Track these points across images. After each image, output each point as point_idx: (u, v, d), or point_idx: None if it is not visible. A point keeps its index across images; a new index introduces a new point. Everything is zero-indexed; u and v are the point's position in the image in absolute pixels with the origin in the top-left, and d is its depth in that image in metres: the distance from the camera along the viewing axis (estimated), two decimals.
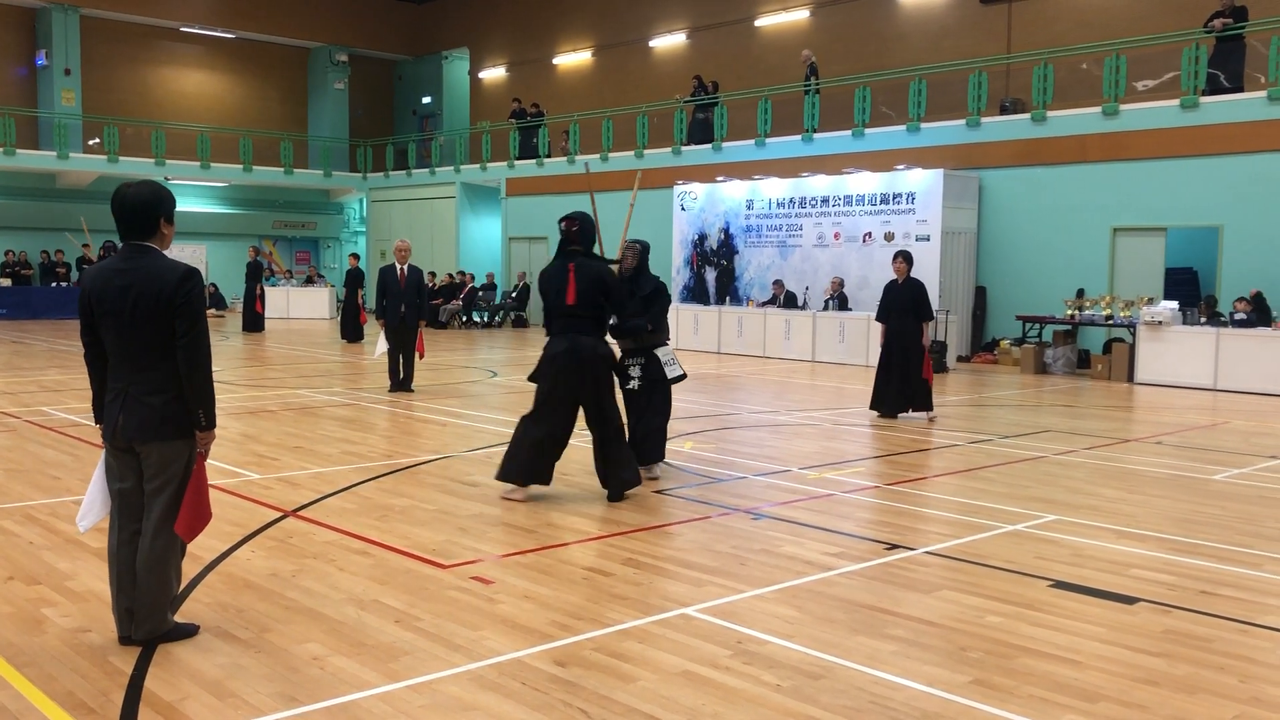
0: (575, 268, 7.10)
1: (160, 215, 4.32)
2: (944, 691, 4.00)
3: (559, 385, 7.05)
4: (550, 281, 7.21)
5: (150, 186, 4.35)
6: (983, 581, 5.44)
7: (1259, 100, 16.38)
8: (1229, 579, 5.58)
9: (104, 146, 30.02)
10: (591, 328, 7.14)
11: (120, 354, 4.26)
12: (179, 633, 4.42)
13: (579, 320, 7.09)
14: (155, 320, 4.19)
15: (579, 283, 7.05)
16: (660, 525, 6.56)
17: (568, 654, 4.33)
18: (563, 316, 7.12)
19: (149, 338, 4.21)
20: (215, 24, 33.63)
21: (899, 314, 11.33)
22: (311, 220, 36.55)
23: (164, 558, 4.33)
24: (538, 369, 7.21)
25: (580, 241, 7.24)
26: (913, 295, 11.30)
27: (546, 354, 7.15)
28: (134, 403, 4.24)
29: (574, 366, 7.01)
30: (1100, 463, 9.08)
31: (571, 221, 7.24)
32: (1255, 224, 16.29)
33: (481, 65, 34.86)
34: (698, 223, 22.79)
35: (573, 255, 7.19)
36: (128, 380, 4.27)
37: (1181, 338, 15.25)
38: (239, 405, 11.81)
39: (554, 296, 7.15)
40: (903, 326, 11.29)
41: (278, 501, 7.03)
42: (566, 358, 7.02)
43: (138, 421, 4.24)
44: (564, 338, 7.08)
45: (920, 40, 23.49)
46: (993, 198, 19.42)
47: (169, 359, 4.24)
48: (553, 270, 7.23)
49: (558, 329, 7.16)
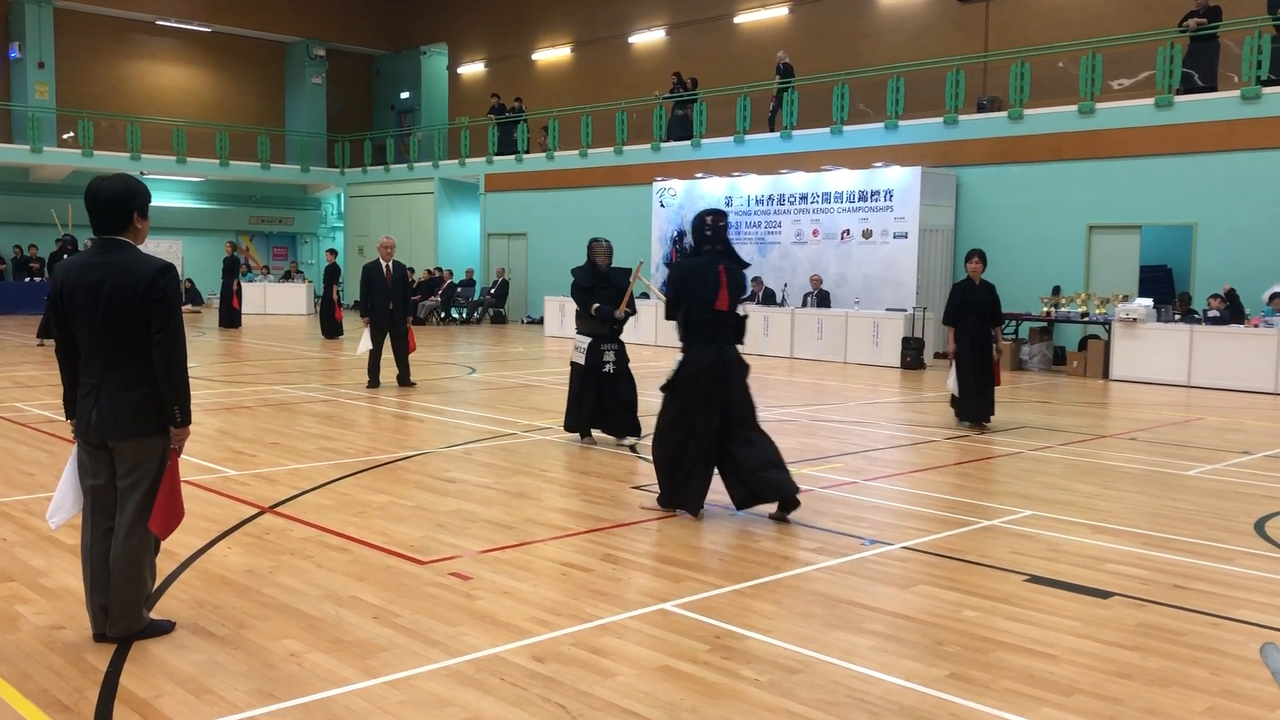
0: (726, 270, 6.56)
1: (134, 209, 4.27)
2: (921, 685, 4.02)
3: (703, 398, 6.47)
4: (695, 281, 6.54)
5: (124, 180, 4.31)
6: (959, 576, 5.48)
7: (1233, 99, 16.53)
8: (1202, 573, 5.64)
9: (78, 140, 29.75)
10: (733, 336, 6.66)
11: (93, 349, 4.21)
12: (154, 630, 4.40)
13: (724, 327, 6.58)
14: (130, 315, 4.14)
15: (731, 287, 6.54)
16: (639, 521, 6.56)
17: (546, 649, 4.33)
18: (709, 322, 6.53)
19: (123, 333, 4.16)
20: (191, 18, 33.40)
21: (978, 316, 10.72)
22: (289, 216, 36.35)
23: (138, 555, 4.30)
24: (677, 380, 6.58)
25: (726, 239, 6.71)
26: (993, 297, 10.79)
27: (689, 364, 6.52)
28: (107, 399, 4.19)
29: (722, 378, 6.48)
30: (1076, 459, 9.15)
31: (719, 216, 6.72)
32: (1229, 222, 16.44)
33: (460, 60, 34.75)
34: (677, 219, 22.81)
35: (717, 255, 6.63)
36: (101, 376, 4.22)
37: (1156, 335, 15.38)
38: (216, 401, 11.74)
39: (699, 298, 6.51)
40: (983, 329, 10.73)
41: (255, 498, 7.00)
42: (715, 370, 6.47)
43: (111, 417, 4.19)
44: (711, 347, 6.51)
45: (898, 38, 23.58)
46: (970, 195, 19.52)
47: (143, 355, 4.20)
48: (697, 269, 6.57)
49: (704, 335, 6.54)
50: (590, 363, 9.13)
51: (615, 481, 7.77)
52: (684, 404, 6.53)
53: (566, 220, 26.22)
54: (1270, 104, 16.12)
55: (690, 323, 6.56)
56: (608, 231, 25.07)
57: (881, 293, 18.87)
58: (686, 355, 6.56)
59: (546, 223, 27.46)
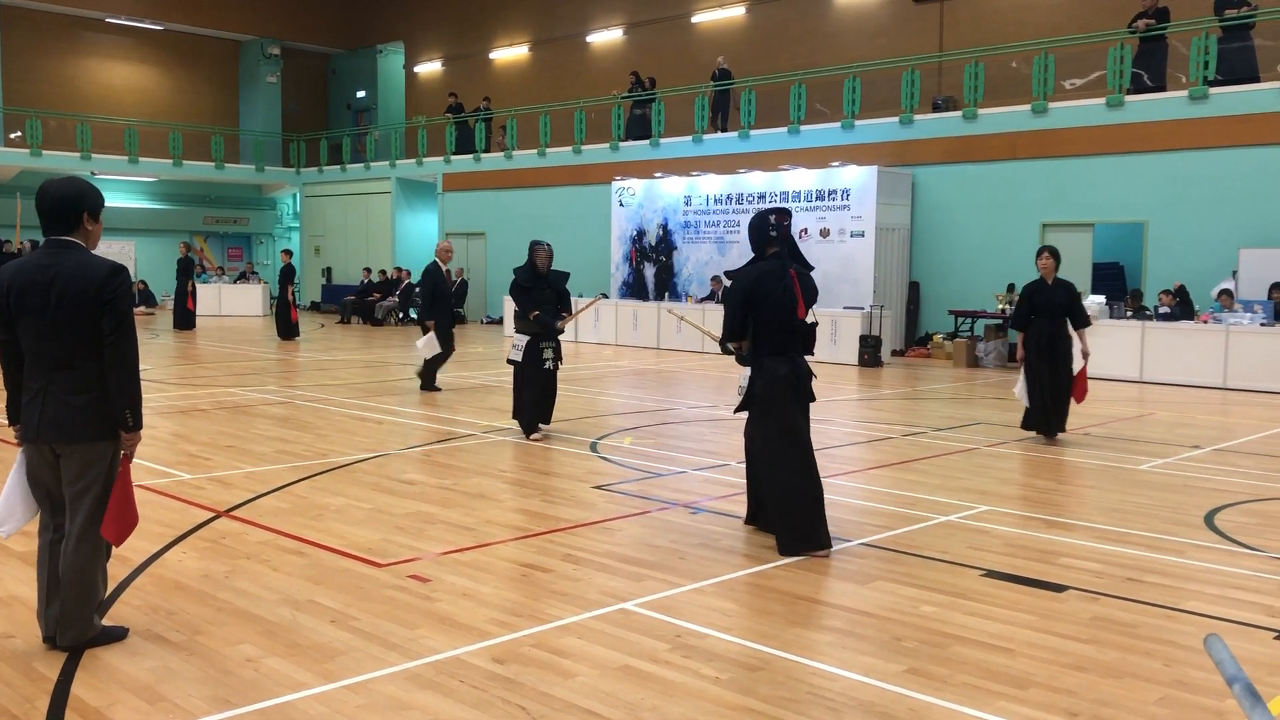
0: (798, 275, 5.94)
1: (84, 210, 4.22)
2: (879, 681, 4.05)
3: (793, 412, 5.94)
4: (769, 289, 5.85)
5: (75, 182, 4.27)
6: (917, 572, 5.52)
7: (1180, 99, 16.80)
8: (1155, 566, 5.73)
9: (26, 140, 29.21)
10: (804, 346, 6.08)
11: (39, 352, 4.13)
12: (106, 636, 4.33)
13: (795, 338, 5.98)
14: (80, 317, 4.07)
15: (805, 292, 5.94)
16: (599, 521, 6.56)
17: (506, 651, 4.31)
18: (784, 332, 5.91)
19: (73, 335, 4.09)
20: (142, 15, 32.88)
21: (1049, 319, 9.79)
22: (244, 216, 35.94)
23: (89, 561, 4.22)
24: (758, 398, 5.96)
25: (791, 240, 6.09)
26: (1069, 296, 9.81)
27: (768, 378, 5.89)
28: (55, 402, 4.11)
29: (798, 389, 5.96)
30: (1031, 454, 9.26)
31: (784, 214, 6.03)
32: (1178, 219, 16.72)
33: (417, 59, 34.53)
34: (636, 218, 22.81)
35: (785, 260, 5.97)
36: (47, 379, 4.14)
37: (1108, 331, 15.59)
38: (169, 404, 11.58)
39: (776, 307, 5.86)
40: (1056, 331, 9.78)
41: (210, 502, 6.91)
42: (792, 379, 5.92)
43: (59, 421, 4.11)
44: (785, 359, 5.92)
45: (854, 38, 23.73)
46: (926, 194, 19.70)
47: (93, 357, 4.13)
48: (770, 274, 5.89)
49: (775, 347, 5.93)
50: (529, 360, 9.50)
51: (576, 482, 7.76)
52: (787, 422, 5.91)
53: (525, 220, 26.14)
54: (1217, 104, 16.41)
55: (761, 334, 5.94)
56: (567, 231, 25.16)
57: (839, 291, 18.99)
58: (761, 369, 5.93)
59: (505, 222, 27.37)
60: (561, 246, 24.45)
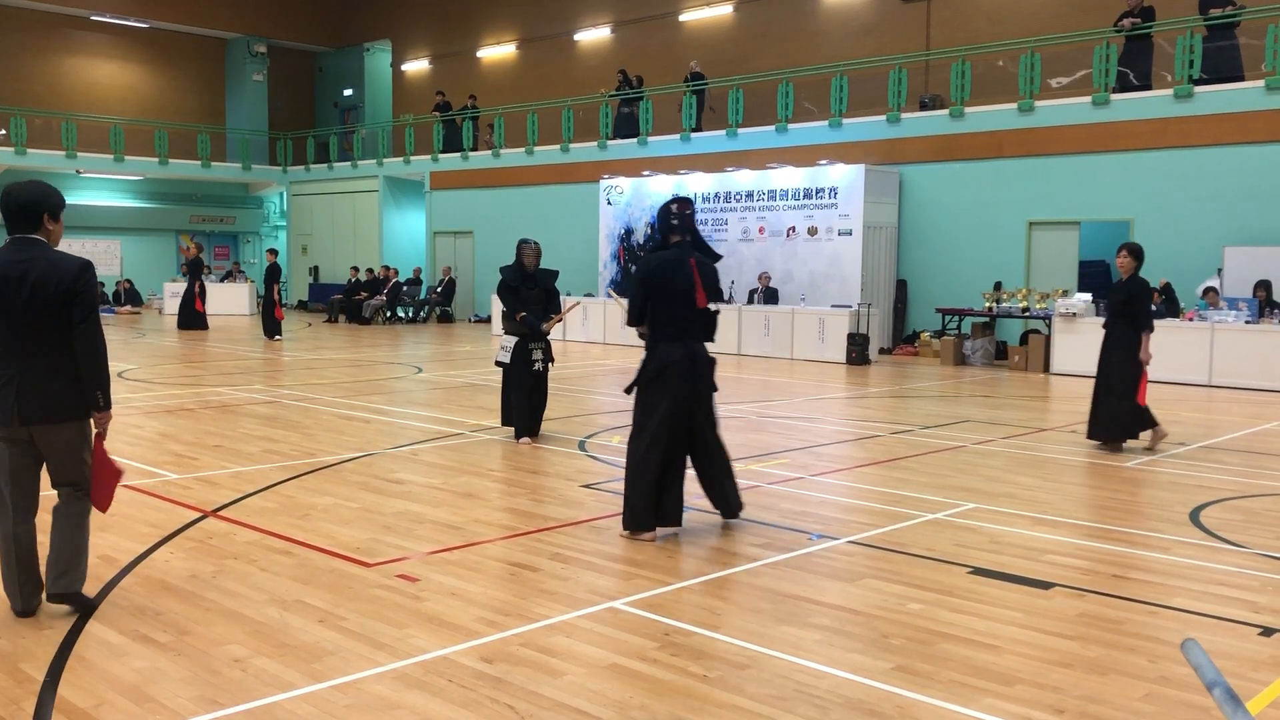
0: (698, 264, 6.09)
1: (44, 211, 4.56)
2: (867, 678, 4.07)
3: (675, 399, 6.05)
4: (667, 276, 6.04)
5: (38, 185, 4.63)
6: (904, 569, 5.54)
7: (1165, 98, 16.88)
8: (1139, 563, 5.76)
9: (10, 138, 29.05)
10: (703, 333, 6.20)
11: (12, 341, 4.47)
12: (87, 599, 4.71)
13: (695, 326, 6.14)
14: (54, 308, 4.45)
15: (705, 281, 6.09)
16: (587, 519, 6.56)
17: (494, 650, 4.32)
18: (680, 320, 6.07)
19: (47, 324, 4.46)
20: (127, 13, 32.71)
21: (1110, 316, 9.52)
22: (230, 215, 35.82)
23: (80, 521, 4.68)
24: (645, 380, 6.14)
25: (694, 229, 6.24)
26: (1128, 296, 9.28)
27: (657, 362, 6.08)
28: (29, 387, 4.46)
29: (692, 378, 6.07)
30: (1017, 451, 9.30)
31: (685, 204, 6.22)
32: (1163, 217, 16.80)
33: (404, 57, 34.45)
34: (624, 217, 22.82)
35: (687, 248, 6.14)
36: (22, 366, 4.47)
37: (1095, 329, 15.50)
38: (156, 404, 11.54)
39: (673, 294, 6.04)
40: (1114, 333, 9.43)
41: (197, 501, 6.89)
42: (684, 365, 6.05)
43: (34, 404, 4.46)
44: (680, 344, 6.06)
45: (842, 37, 23.77)
46: (913, 192, 19.75)
47: (63, 345, 4.50)
48: (669, 262, 6.07)
49: (672, 334, 6.08)
50: (517, 361, 9.27)
51: (564, 480, 7.77)
52: (662, 406, 6.06)
53: (513, 218, 26.12)
54: (1202, 102, 16.49)
55: (658, 320, 6.12)
56: (555, 229, 25.14)
57: (827, 289, 19.04)
58: (653, 352, 6.13)
59: (493, 221, 27.34)
60: (549, 245, 24.40)
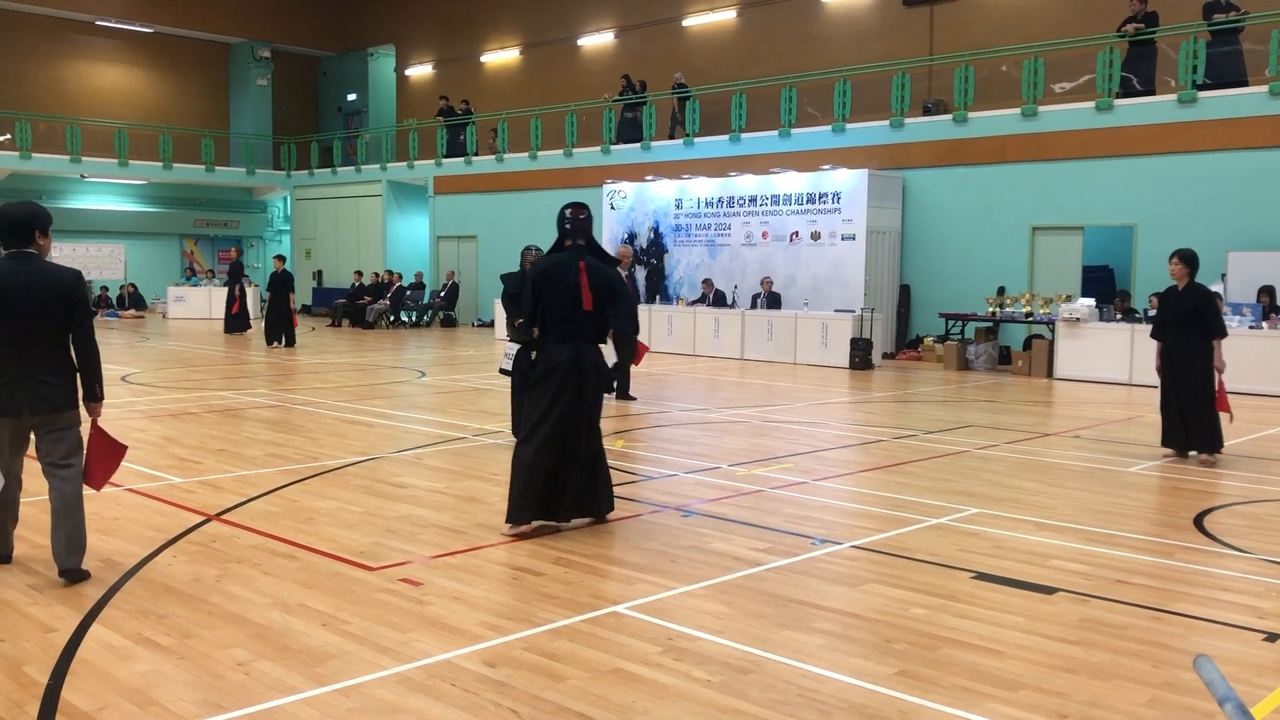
0: (588, 268, 6.18)
1: (35, 229, 5.15)
2: (870, 683, 4.07)
3: (562, 399, 6.12)
4: (555, 279, 6.14)
5: (29, 205, 5.23)
6: (907, 574, 5.54)
7: (1169, 103, 16.88)
8: (1143, 568, 5.75)
9: (15, 143, 29.12)
10: (594, 337, 6.30)
11: (17, 343, 5.02)
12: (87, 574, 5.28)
13: (584, 328, 6.21)
14: (54, 312, 5.07)
15: (593, 286, 6.16)
16: (590, 524, 6.56)
17: (498, 654, 4.31)
18: (567, 322, 6.16)
19: (49, 327, 5.08)
20: (132, 18, 32.78)
21: (1176, 326, 9.12)
22: (234, 219, 35.86)
23: (81, 507, 5.25)
24: (532, 380, 6.27)
25: (588, 233, 6.32)
26: (1195, 304, 9.04)
27: (544, 363, 6.18)
28: (35, 383, 5.07)
29: (577, 379, 6.14)
30: (1021, 457, 9.29)
31: (579, 209, 6.31)
32: (1167, 222, 16.78)
33: (408, 62, 34.51)
34: (627, 222, 22.83)
35: (579, 251, 6.24)
36: (25, 364, 5.05)
37: (1098, 334, 15.66)
38: (160, 408, 11.55)
39: (560, 298, 6.13)
40: (1182, 341, 9.07)
41: (200, 505, 6.90)
42: (571, 368, 6.12)
43: (41, 397, 5.08)
44: (568, 345, 6.14)
45: (845, 42, 23.79)
46: (916, 197, 19.75)
47: (61, 345, 5.15)
48: (558, 266, 6.18)
49: (559, 335, 6.17)
50: (519, 369, 9.05)
51: None
52: (547, 406, 6.13)
53: (516, 223, 26.13)
54: (1205, 108, 16.49)
55: (547, 321, 6.19)
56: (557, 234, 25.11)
57: (830, 294, 19.03)
58: (543, 354, 6.20)
59: (496, 225, 27.35)
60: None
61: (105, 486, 5.60)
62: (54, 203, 32.04)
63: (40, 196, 31.68)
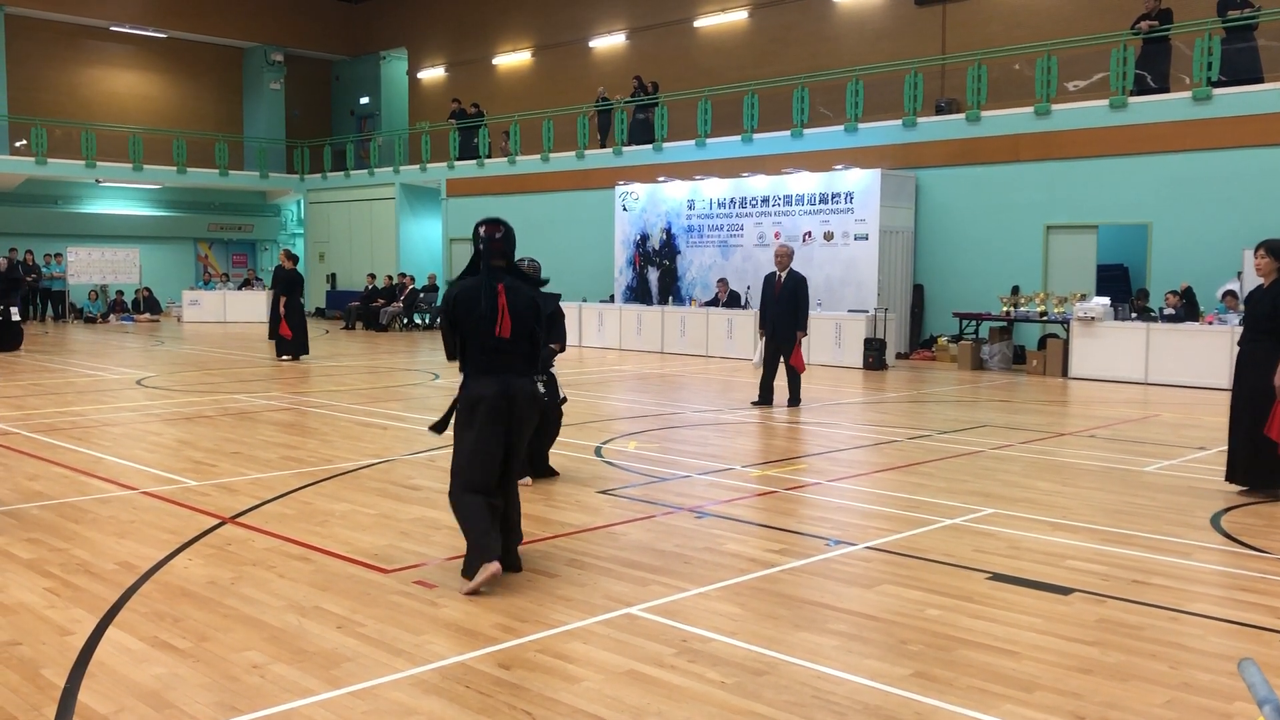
0: (506, 290, 5.46)
1: None
2: (885, 685, 4.05)
3: (487, 435, 5.39)
4: (470, 306, 5.44)
5: None
6: (922, 575, 5.52)
7: (1184, 100, 16.79)
8: (1160, 568, 5.72)
9: (31, 148, 29.31)
10: (523, 365, 5.56)
11: None
12: None
13: (509, 356, 5.48)
14: None
15: (513, 310, 5.45)
16: (604, 525, 6.56)
17: (512, 656, 4.32)
18: (490, 351, 5.44)
19: None
20: (146, 23, 32.97)
21: (1250, 331, 7.53)
22: (248, 223, 36.03)
23: None
24: (455, 417, 5.53)
25: (506, 253, 5.65)
26: (1273, 307, 7.36)
27: (468, 397, 5.44)
28: None
29: (505, 413, 5.41)
30: (1036, 457, 9.25)
31: (495, 226, 5.62)
32: (1182, 220, 16.70)
33: (420, 65, 34.60)
34: (639, 223, 22.84)
35: (498, 273, 5.54)
36: None
37: (1113, 333, 15.58)
38: (175, 411, 11.60)
39: (477, 325, 5.42)
40: (1253, 349, 7.44)
41: (215, 508, 6.92)
42: (497, 401, 5.39)
43: None
44: (493, 378, 5.41)
45: (857, 41, 23.75)
46: (929, 197, 19.69)
47: None
48: (471, 291, 5.46)
49: (482, 366, 5.45)
50: None
51: (580, 486, 7.76)
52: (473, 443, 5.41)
53: (529, 225, 26.11)
54: (1221, 105, 16.40)
55: (468, 352, 5.51)
56: (571, 236, 25.19)
57: (843, 294, 18.99)
58: (463, 388, 5.50)
59: None
60: (565, 251, 24.63)
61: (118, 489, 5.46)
62: (70, 208, 32.28)
63: (56, 202, 31.94)
